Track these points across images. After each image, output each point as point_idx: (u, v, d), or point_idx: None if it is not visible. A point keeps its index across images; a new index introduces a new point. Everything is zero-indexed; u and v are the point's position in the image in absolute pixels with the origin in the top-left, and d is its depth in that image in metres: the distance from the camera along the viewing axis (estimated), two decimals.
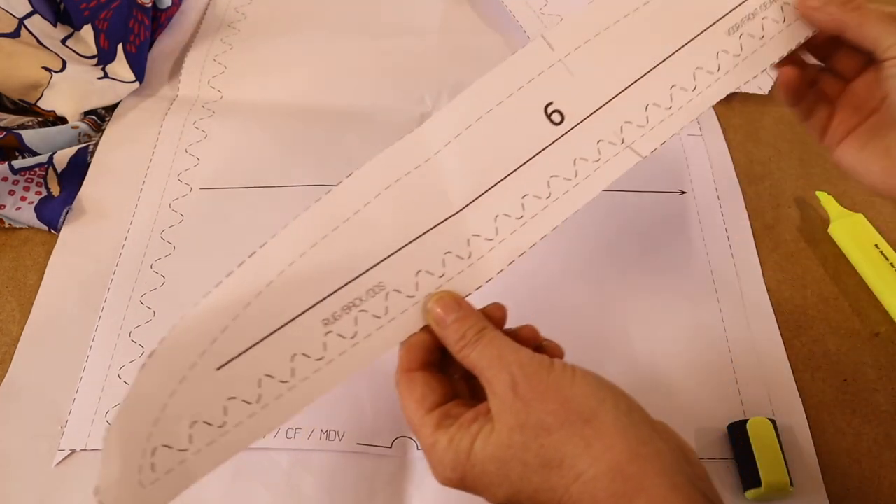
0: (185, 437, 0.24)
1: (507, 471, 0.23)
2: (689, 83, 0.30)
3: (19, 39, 0.42)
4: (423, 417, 0.25)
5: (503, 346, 0.25)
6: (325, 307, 0.26)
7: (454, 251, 0.28)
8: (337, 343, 0.26)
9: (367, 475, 0.31)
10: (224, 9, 0.51)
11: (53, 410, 0.32)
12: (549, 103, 0.29)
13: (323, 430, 0.31)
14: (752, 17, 0.30)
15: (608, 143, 0.29)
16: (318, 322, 0.26)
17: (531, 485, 0.23)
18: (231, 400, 0.25)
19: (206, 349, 0.25)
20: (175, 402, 0.24)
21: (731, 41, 0.30)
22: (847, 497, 0.31)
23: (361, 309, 0.26)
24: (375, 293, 0.27)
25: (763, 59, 0.30)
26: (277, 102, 0.45)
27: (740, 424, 0.32)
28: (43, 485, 0.30)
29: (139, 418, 0.24)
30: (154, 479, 0.24)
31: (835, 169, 0.43)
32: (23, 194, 0.39)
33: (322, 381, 0.26)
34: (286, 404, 0.25)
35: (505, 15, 0.49)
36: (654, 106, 0.30)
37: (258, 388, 0.25)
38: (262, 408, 0.25)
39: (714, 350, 0.35)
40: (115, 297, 0.36)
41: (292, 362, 0.25)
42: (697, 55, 0.30)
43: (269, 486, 0.30)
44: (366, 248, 0.27)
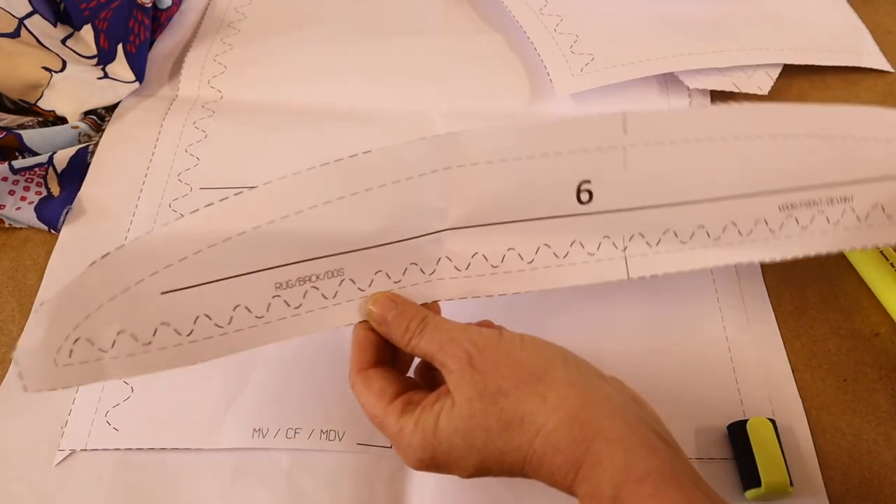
0: (109, 341, 0.25)
1: (472, 440, 0.24)
2: (747, 226, 0.30)
3: (19, 39, 0.42)
4: (385, 408, 0.26)
5: (450, 327, 0.26)
6: (283, 273, 0.27)
7: (420, 264, 0.28)
8: (280, 308, 0.27)
9: (368, 475, 0.31)
10: (224, 9, 0.51)
11: (53, 410, 0.32)
12: (587, 181, 0.28)
13: (323, 430, 0.31)
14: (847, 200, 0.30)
15: (611, 244, 0.29)
16: (272, 284, 0.27)
17: (496, 448, 0.24)
18: (164, 325, 0.26)
19: (159, 271, 0.25)
20: (111, 306, 0.25)
21: (780, 216, 0.30)
22: (847, 497, 0.31)
23: (314, 285, 0.27)
24: (332, 276, 0.27)
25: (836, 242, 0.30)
26: (277, 102, 0.45)
27: (740, 424, 0.32)
28: (43, 485, 0.30)
29: (73, 307, 0.25)
30: (67, 363, 0.25)
31: None
32: (23, 194, 0.39)
33: (252, 337, 0.27)
34: (212, 347, 0.26)
35: (505, 15, 0.49)
36: (672, 234, 0.29)
37: (192, 324, 0.26)
38: (189, 342, 0.26)
39: (714, 350, 0.35)
40: None
41: (233, 311, 0.26)
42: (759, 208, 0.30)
43: (269, 486, 0.30)
44: (345, 232, 0.27)
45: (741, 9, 0.50)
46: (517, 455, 0.24)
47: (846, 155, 0.30)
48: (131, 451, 0.31)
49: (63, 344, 0.25)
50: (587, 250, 0.29)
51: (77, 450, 0.31)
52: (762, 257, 0.30)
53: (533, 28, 0.47)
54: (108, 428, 0.31)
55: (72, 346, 0.25)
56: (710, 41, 0.47)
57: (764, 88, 0.45)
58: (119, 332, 0.25)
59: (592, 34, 0.47)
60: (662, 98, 0.46)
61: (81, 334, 0.25)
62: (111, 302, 0.25)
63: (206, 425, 0.31)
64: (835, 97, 0.47)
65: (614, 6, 0.49)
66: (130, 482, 0.30)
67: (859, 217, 0.30)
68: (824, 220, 0.30)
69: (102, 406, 0.32)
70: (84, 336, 0.25)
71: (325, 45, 0.48)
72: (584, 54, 0.45)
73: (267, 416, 0.32)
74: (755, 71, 0.46)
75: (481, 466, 0.25)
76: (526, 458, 0.24)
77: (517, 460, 0.24)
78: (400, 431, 0.25)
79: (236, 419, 0.32)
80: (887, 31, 0.51)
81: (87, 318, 0.25)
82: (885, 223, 0.31)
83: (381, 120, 0.44)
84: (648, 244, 0.29)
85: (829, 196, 0.30)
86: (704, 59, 0.46)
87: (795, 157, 0.30)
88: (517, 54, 0.48)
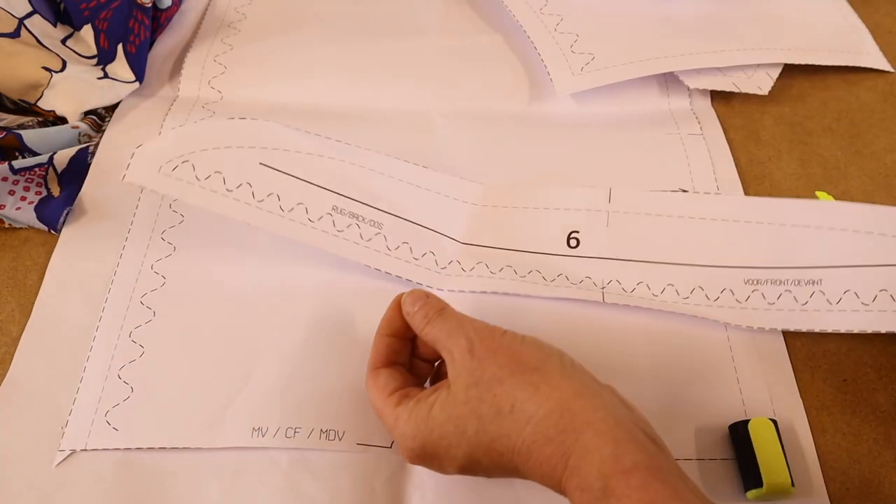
0: (206, 174, 0.33)
1: (463, 427, 0.25)
2: (714, 293, 0.35)
3: (19, 39, 0.42)
4: (385, 399, 0.27)
5: (461, 317, 0.28)
6: (341, 200, 0.35)
7: (436, 255, 0.36)
8: (327, 224, 0.35)
9: (367, 475, 0.31)
10: (224, 9, 0.51)
11: (54, 411, 0.32)
12: (576, 231, 0.36)
13: (322, 429, 0.31)
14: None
15: (591, 283, 0.36)
16: (330, 204, 0.35)
17: (487, 435, 0.25)
18: (247, 185, 0.33)
19: (267, 147, 0.34)
20: (223, 152, 0.33)
21: (746, 288, 0.35)
22: (847, 497, 0.31)
23: (357, 223, 0.35)
24: (373, 225, 0.36)
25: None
26: (277, 103, 0.45)
27: (742, 424, 0.31)
28: (43, 485, 0.30)
29: (197, 139, 0.33)
30: (168, 174, 0.33)
31: (835, 169, 0.43)
32: (23, 194, 0.39)
33: (298, 231, 0.34)
34: (269, 220, 0.34)
35: (505, 15, 0.49)
36: (645, 286, 0.35)
37: (266, 196, 0.34)
38: (257, 206, 0.34)
39: (715, 350, 0.35)
40: (115, 297, 0.36)
41: (296, 205, 0.34)
42: (725, 279, 0.35)
43: (269, 486, 0.30)
44: (401, 200, 0.36)
45: (741, 8, 0.50)
46: (506, 443, 0.24)
47: (815, 243, 0.34)
48: (131, 451, 0.31)
49: (173, 160, 0.33)
50: (571, 281, 0.36)
51: (77, 450, 0.31)
52: (730, 321, 0.35)
53: (533, 27, 0.47)
54: (107, 428, 0.31)
55: (179, 164, 0.33)
56: (710, 41, 0.47)
57: (764, 88, 0.45)
58: (216, 171, 0.33)
59: (593, 33, 0.47)
60: (662, 97, 0.46)
61: (190, 159, 0.33)
62: (225, 149, 0.33)
63: (205, 424, 0.31)
64: (835, 97, 0.47)
65: (615, 6, 0.49)
66: (130, 482, 0.30)
67: (830, 300, 0.34)
68: (792, 298, 0.34)
69: (102, 406, 0.32)
70: (192, 161, 0.33)
71: (326, 45, 0.48)
72: (585, 54, 0.45)
73: (266, 416, 0.32)
74: (755, 71, 0.46)
75: (471, 457, 0.25)
76: (515, 448, 0.24)
77: (507, 448, 0.25)
78: (396, 420, 0.27)
79: (236, 418, 0.32)
80: (887, 31, 0.51)
81: (202, 150, 0.33)
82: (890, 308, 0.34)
83: (382, 120, 0.44)
84: (624, 290, 0.35)
85: (797, 277, 0.34)
86: (705, 58, 0.46)
87: (762, 241, 0.35)
88: (517, 54, 0.48)
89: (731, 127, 0.45)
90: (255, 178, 0.34)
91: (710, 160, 0.42)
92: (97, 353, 0.34)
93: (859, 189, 0.42)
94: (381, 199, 0.36)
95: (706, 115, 0.45)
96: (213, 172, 0.33)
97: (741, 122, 0.46)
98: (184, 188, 0.33)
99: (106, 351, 0.34)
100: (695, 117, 0.45)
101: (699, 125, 0.44)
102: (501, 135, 0.44)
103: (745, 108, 0.46)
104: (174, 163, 0.33)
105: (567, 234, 0.36)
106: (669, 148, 0.43)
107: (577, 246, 0.36)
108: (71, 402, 0.32)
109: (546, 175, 0.41)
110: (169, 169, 0.32)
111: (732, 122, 0.45)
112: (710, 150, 0.43)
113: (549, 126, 0.44)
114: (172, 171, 0.32)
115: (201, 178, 0.33)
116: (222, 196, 0.33)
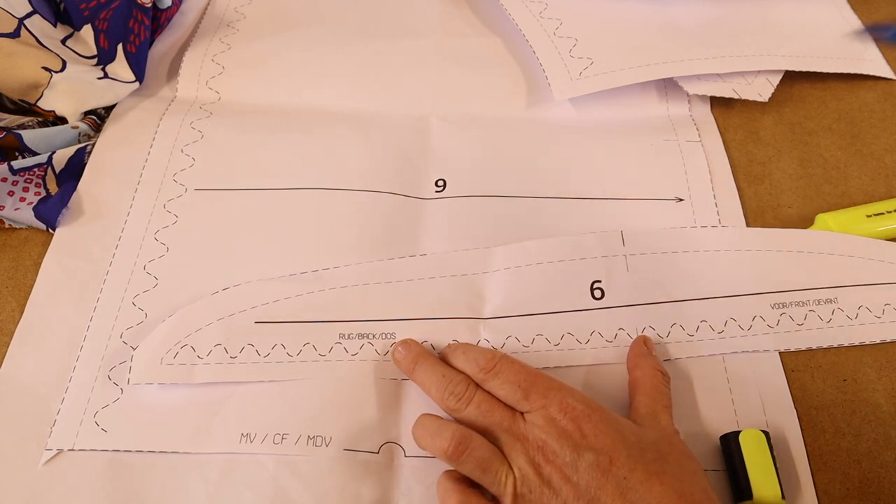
0: (207, 350, 0.33)
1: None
2: (746, 321, 0.35)
3: (19, 39, 0.42)
4: None
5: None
6: (346, 326, 0.34)
7: (460, 342, 0.34)
8: (340, 352, 0.34)
9: (354, 480, 0.30)
10: (223, 9, 0.51)
11: (43, 410, 0.32)
12: (598, 281, 0.35)
13: (310, 435, 0.31)
14: (803, 304, 0.36)
15: (626, 335, 0.34)
16: (336, 333, 0.34)
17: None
18: (250, 346, 0.33)
19: (257, 306, 0.34)
20: (216, 327, 0.33)
21: (774, 313, 0.35)
22: (847, 497, 0.31)
23: (370, 341, 0.34)
24: (385, 337, 0.34)
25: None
26: (275, 104, 0.45)
27: (733, 436, 0.31)
28: (30, 484, 0.30)
29: (190, 323, 0.33)
30: (169, 363, 0.32)
31: (835, 169, 0.43)
32: (22, 195, 0.40)
33: (312, 369, 0.33)
34: (280, 369, 0.33)
35: (504, 18, 0.48)
36: (679, 327, 0.35)
37: (271, 349, 0.33)
38: (264, 362, 0.33)
39: (707, 359, 0.35)
40: (107, 297, 0.36)
41: (303, 346, 0.33)
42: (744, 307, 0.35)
43: (255, 490, 0.30)
44: (407, 302, 0.35)
45: (742, 14, 0.49)
46: None
47: (825, 266, 0.36)
48: (119, 452, 0.31)
49: (172, 348, 0.33)
50: (606, 339, 0.34)
51: (64, 450, 0.31)
52: (768, 347, 0.35)
53: (532, 31, 0.47)
54: (96, 429, 0.31)
55: (178, 350, 0.33)
56: (710, 47, 0.46)
57: (764, 95, 0.45)
58: (216, 344, 0.33)
59: (592, 38, 0.46)
60: (661, 104, 0.46)
61: (188, 342, 0.33)
62: (218, 322, 0.33)
63: (193, 429, 0.31)
64: (835, 97, 0.47)
65: (615, 10, 0.48)
66: (117, 483, 0.30)
67: (849, 316, 0.35)
68: (817, 317, 0.35)
69: (91, 407, 0.32)
70: (190, 344, 0.33)
71: (324, 46, 0.48)
72: (583, 58, 0.45)
73: (255, 421, 0.32)
74: (756, 77, 0.46)
75: None
76: None
77: None
78: None
79: (224, 424, 0.32)
80: None
81: (197, 331, 0.33)
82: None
83: (378, 122, 0.44)
84: (660, 336, 0.34)
85: (817, 298, 0.36)
86: (704, 64, 0.45)
87: (773, 268, 0.36)
88: (516, 58, 0.48)
89: (731, 127, 0.45)
90: (255, 338, 0.33)
91: (708, 168, 0.42)
92: (87, 353, 0.34)
93: (859, 189, 0.42)
94: (385, 309, 0.35)
95: (705, 122, 0.45)
96: (213, 347, 0.33)
97: (741, 122, 0.45)
98: (189, 372, 0.32)
99: (96, 351, 0.34)
100: (693, 124, 0.45)
101: (697, 132, 0.44)
102: (498, 139, 0.43)
103: (745, 108, 0.46)
104: (173, 351, 0.32)
105: (590, 286, 0.35)
106: (667, 155, 0.42)
107: (602, 297, 0.35)
108: (60, 401, 0.32)
109: (542, 181, 0.41)
110: (170, 358, 0.32)
111: (732, 122, 0.45)
112: (708, 158, 0.42)
113: (546, 131, 0.44)
114: (174, 360, 0.32)
115: (204, 356, 0.32)
116: (228, 365, 0.33)
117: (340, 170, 0.41)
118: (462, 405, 0.29)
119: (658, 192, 0.40)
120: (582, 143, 0.43)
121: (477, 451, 0.28)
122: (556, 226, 0.39)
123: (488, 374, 0.30)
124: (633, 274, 0.35)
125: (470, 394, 0.30)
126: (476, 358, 0.31)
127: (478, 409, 0.29)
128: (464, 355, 0.31)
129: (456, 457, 0.28)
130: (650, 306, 0.35)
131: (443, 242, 0.38)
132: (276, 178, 0.41)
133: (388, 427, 0.32)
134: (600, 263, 0.35)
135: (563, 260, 0.36)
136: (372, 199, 0.40)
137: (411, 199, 0.40)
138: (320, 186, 0.40)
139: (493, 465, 0.28)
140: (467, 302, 0.35)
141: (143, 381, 0.32)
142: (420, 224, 0.39)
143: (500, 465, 0.28)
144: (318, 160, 0.42)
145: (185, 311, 0.34)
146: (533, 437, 0.28)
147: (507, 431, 0.28)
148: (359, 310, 0.34)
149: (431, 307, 0.35)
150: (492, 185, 0.41)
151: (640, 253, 0.36)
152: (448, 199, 0.40)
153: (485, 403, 0.29)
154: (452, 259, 0.36)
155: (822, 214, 0.40)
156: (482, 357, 0.31)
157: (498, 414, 0.29)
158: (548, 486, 0.27)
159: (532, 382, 0.29)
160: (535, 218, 0.39)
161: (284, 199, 0.40)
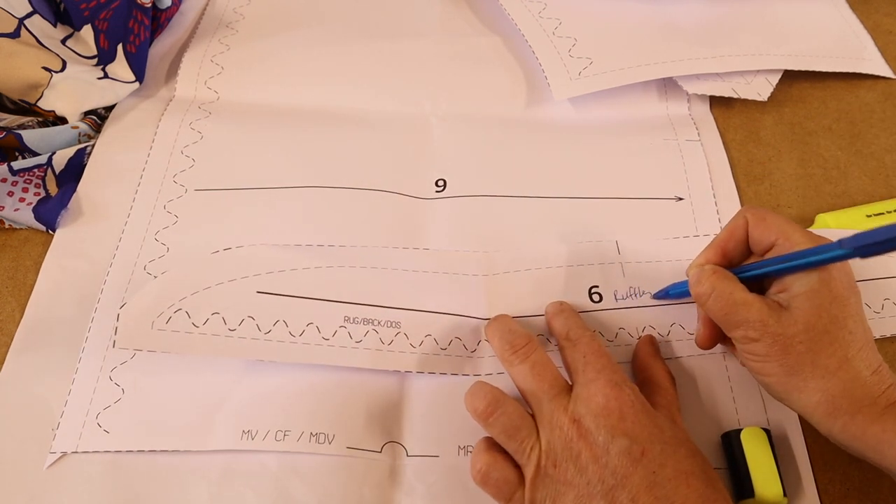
0: (203, 319, 0.30)
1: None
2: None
3: (19, 39, 0.42)
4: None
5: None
6: (352, 309, 0.33)
7: (463, 340, 0.34)
8: (344, 337, 0.32)
9: (356, 479, 0.31)
10: (222, 9, 0.51)
11: (45, 412, 0.32)
12: (596, 286, 0.36)
13: (312, 432, 0.31)
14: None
15: (626, 334, 0.35)
16: (341, 316, 0.32)
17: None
18: (250, 318, 0.31)
19: (261, 273, 0.32)
20: (214, 292, 0.31)
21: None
22: (847, 498, 0.31)
23: (375, 329, 0.33)
24: (391, 326, 0.33)
25: None
26: (274, 104, 0.45)
27: (734, 434, 0.31)
28: (34, 487, 0.30)
29: (185, 283, 0.30)
30: (162, 328, 0.30)
31: (835, 169, 0.43)
32: (21, 195, 0.40)
33: (315, 353, 0.32)
34: (280, 349, 0.31)
35: (503, 17, 0.48)
36: (679, 326, 0.35)
37: (272, 325, 0.31)
38: (265, 339, 0.31)
39: (709, 357, 0.35)
40: (108, 298, 0.36)
41: (306, 326, 0.32)
42: None
43: (257, 489, 0.30)
44: (412, 292, 0.34)
45: (742, 14, 0.49)
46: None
47: None
48: (121, 454, 0.31)
49: (165, 311, 0.30)
50: (606, 338, 0.35)
51: (68, 452, 0.31)
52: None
53: (531, 31, 0.47)
54: (98, 430, 0.31)
55: (171, 315, 0.30)
56: (709, 46, 0.46)
57: (763, 95, 0.45)
58: (213, 313, 0.30)
59: (591, 38, 0.46)
60: (661, 103, 0.46)
61: (183, 307, 0.30)
62: (217, 287, 0.31)
63: (195, 427, 0.31)
64: (835, 97, 0.47)
65: (614, 10, 0.48)
66: (120, 484, 0.30)
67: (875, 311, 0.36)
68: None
69: (93, 408, 0.32)
70: (185, 308, 0.30)
71: (323, 46, 0.48)
72: (583, 58, 0.45)
73: (256, 418, 0.32)
74: (755, 77, 0.46)
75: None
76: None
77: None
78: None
79: (226, 421, 0.32)
80: (887, 31, 0.51)
81: (193, 294, 0.30)
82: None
83: (378, 122, 0.44)
84: (660, 335, 0.35)
85: None
86: (704, 64, 0.45)
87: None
88: (515, 57, 0.48)
89: (731, 127, 0.45)
90: (256, 310, 0.31)
91: (708, 167, 0.42)
92: (89, 354, 0.34)
93: (859, 189, 0.42)
94: (392, 296, 0.34)
95: (704, 122, 0.45)
96: (210, 315, 0.30)
97: (741, 122, 0.45)
98: (183, 341, 0.30)
99: (98, 353, 0.34)
100: (693, 123, 0.45)
101: (697, 131, 0.44)
102: (498, 139, 0.43)
103: (745, 108, 0.46)
104: (166, 315, 0.30)
105: (588, 290, 0.35)
106: (666, 154, 0.43)
107: (601, 300, 0.35)
108: (62, 403, 0.32)
109: (541, 180, 0.41)
110: (162, 323, 0.30)
111: (732, 122, 0.45)
112: (708, 157, 0.43)
113: (545, 130, 0.44)
114: (167, 325, 0.30)
115: (200, 325, 0.30)
116: (226, 339, 0.30)
117: (340, 169, 0.41)
118: (516, 359, 0.30)
119: (658, 191, 0.40)
120: (581, 142, 0.43)
121: (506, 415, 0.28)
122: (556, 225, 0.39)
123: (568, 343, 0.31)
124: (629, 279, 0.36)
125: (527, 351, 0.30)
126: (571, 325, 0.32)
127: (531, 369, 0.29)
128: (563, 317, 0.33)
129: (485, 417, 0.28)
130: (650, 307, 0.35)
131: (443, 242, 0.38)
132: (276, 177, 0.40)
133: (391, 426, 0.32)
134: (597, 270, 0.36)
135: (561, 266, 0.36)
136: (372, 198, 0.40)
137: (412, 199, 0.40)
138: (320, 185, 0.40)
139: (519, 432, 0.28)
140: (471, 301, 0.35)
141: (130, 347, 0.29)
142: (421, 224, 0.39)
143: (527, 434, 0.28)
144: (318, 160, 0.42)
145: (181, 267, 0.31)
146: (572, 410, 0.27)
147: (552, 400, 0.28)
148: (366, 293, 0.33)
149: (437, 302, 0.34)
150: (492, 184, 0.41)
151: (635, 262, 0.36)
152: (448, 198, 0.40)
153: (539, 366, 0.29)
154: (458, 259, 0.36)
155: (822, 214, 0.40)
156: (576, 326, 0.32)
157: (548, 380, 0.29)
158: (573, 464, 0.26)
159: (597, 358, 0.29)
160: (535, 217, 0.39)
161: (284, 199, 0.40)
